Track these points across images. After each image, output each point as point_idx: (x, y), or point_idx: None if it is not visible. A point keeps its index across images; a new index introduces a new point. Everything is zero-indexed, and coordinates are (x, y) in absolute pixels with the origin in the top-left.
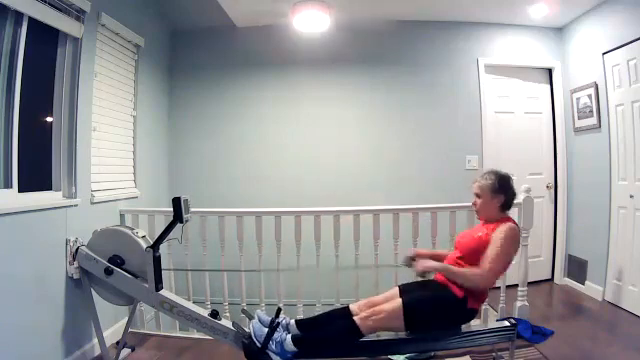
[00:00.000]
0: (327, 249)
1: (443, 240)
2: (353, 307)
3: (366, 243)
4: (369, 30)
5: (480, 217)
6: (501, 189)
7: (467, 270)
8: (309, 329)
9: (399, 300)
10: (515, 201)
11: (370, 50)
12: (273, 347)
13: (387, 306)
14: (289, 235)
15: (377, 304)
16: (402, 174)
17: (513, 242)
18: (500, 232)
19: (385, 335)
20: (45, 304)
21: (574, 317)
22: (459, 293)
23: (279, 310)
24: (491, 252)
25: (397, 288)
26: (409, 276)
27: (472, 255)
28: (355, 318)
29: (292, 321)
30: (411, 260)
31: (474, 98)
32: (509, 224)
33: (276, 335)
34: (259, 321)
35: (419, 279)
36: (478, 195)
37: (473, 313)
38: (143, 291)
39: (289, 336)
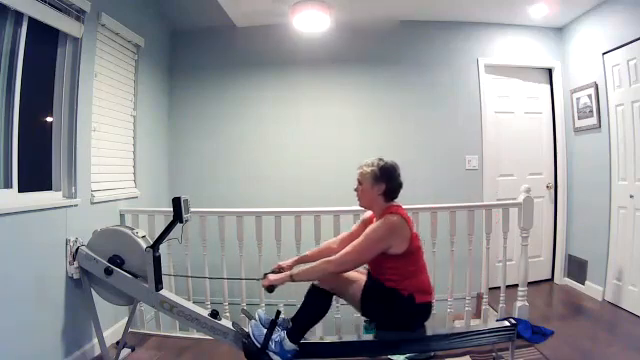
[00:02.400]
0: None
1: (443, 240)
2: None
3: None
4: (369, 30)
5: (361, 204)
6: (382, 177)
7: (317, 262)
8: None
9: (364, 279)
10: (515, 201)
11: (370, 50)
12: (273, 347)
13: (352, 276)
14: (289, 235)
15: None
16: (402, 173)
17: (381, 233)
18: (372, 225)
19: (385, 335)
20: (45, 304)
21: (574, 317)
22: (404, 292)
23: (278, 312)
24: (354, 242)
25: (367, 271)
26: None
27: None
28: (317, 283)
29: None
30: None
31: (474, 98)
32: (386, 216)
33: (275, 335)
34: (259, 321)
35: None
36: (359, 182)
37: (427, 308)
38: (143, 291)
39: (285, 333)
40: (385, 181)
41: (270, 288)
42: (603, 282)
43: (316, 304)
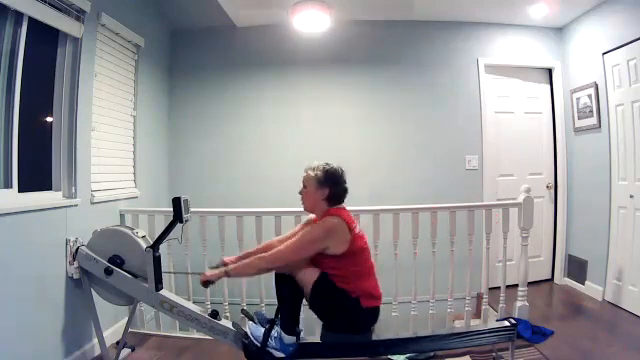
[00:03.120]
0: None
1: (443, 240)
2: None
3: None
4: (369, 30)
5: (305, 207)
6: (326, 182)
7: (250, 259)
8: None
9: (318, 273)
10: (515, 201)
11: (370, 50)
12: (273, 343)
13: (306, 269)
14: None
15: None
16: (402, 174)
17: (317, 234)
18: (310, 226)
19: (385, 335)
20: (45, 304)
21: (574, 317)
22: (351, 294)
23: (278, 310)
24: (289, 240)
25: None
26: (409, 276)
27: None
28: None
29: None
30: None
31: (474, 98)
32: (325, 218)
33: (273, 332)
34: (258, 321)
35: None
36: (304, 185)
37: (372, 312)
38: (143, 291)
39: (279, 328)
40: (329, 186)
41: (205, 284)
42: (603, 282)
43: (287, 288)
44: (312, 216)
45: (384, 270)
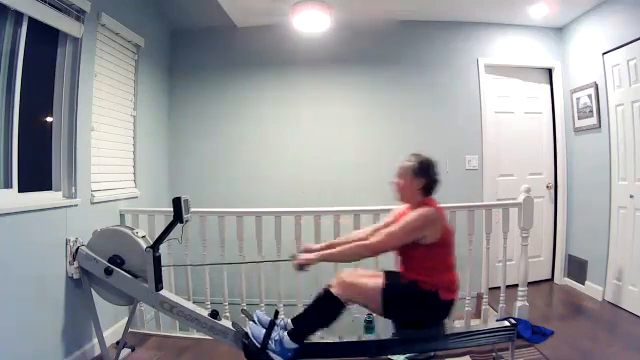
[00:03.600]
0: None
1: None
2: (332, 283)
3: None
4: (369, 30)
5: (399, 198)
6: (422, 172)
7: (351, 245)
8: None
9: (380, 281)
10: (515, 201)
11: (370, 50)
12: (273, 346)
13: (369, 282)
14: (289, 235)
15: (357, 276)
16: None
17: (416, 222)
18: (408, 214)
19: (385, 335)
20: (45, 304)
21: (574, 317)
22: (426, 287)
23: (277, 313)
24: (389, 228)
25: (383, 272)
26: None
27: None
28: (332, 290)
29: (289, 320)
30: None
31: (474, 98)
32: (425, 207)
33: (274, 334)
34: (258, 322)
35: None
36: (399, 176)
37: (449, 305)
38: (143, 291)
39: (286, 332)
40: (424, 176)
41: (301, 267)
42: (603, 282)
43: (326, 310)
44: (400, 208)
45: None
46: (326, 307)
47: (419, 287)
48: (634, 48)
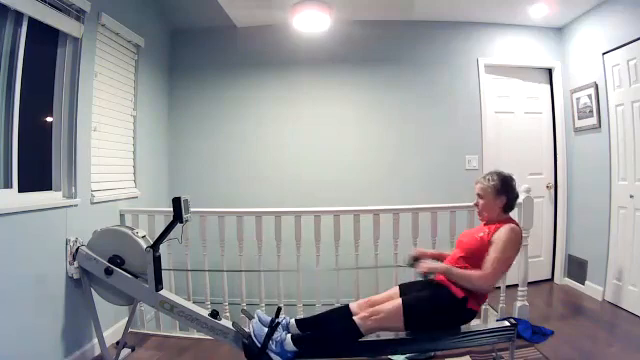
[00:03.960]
0: (327, 249)
1: (443, 240)
2: (353, 306)
3: (366, 243)
4: (369, 30)
5: (482, 218)
6: (503, 190)
7: (469, 272)
8: (309, 329)
9: (399, 300)
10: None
11: (370, 50)
12: (273, 347)
13: (387, 306)
14: (289, 235)
15: (377, 303)
16: (402, 174)
17: (515, 244)
18: (502, 234)
19: (385, 335)
20: (45, 304)
21: (574, 317)
22: (459, 293)
23: (279, 310)
24: (493, 254)
25: (397, 288)
26: (408, 276)
27: (473, 255)
28: (355, 318)
29: (292, 321)
30: (414, 260)
31: (474, 98)
32: (511, 225)
33: (276, 335)
34: (259, 321)
35: (419, 279)
36: (480, 196)
37: (473, 313)
38: (143, 291)
39: (289, 336)
40: (506, 194)
41: (427, 273)
42: (603, 282)
43: (343, 333)
44: (468, 231)
45: (384, 270)
46: (343, 331)
47: (451, 293)
48: (634, 48)
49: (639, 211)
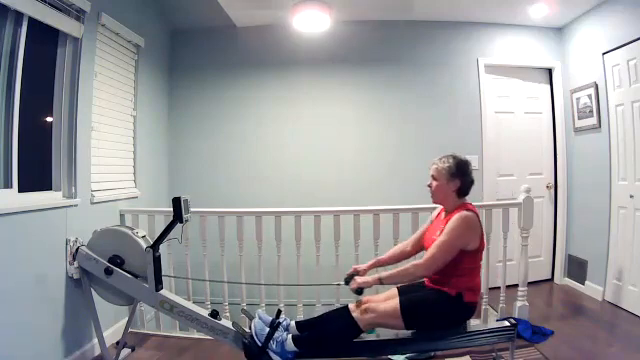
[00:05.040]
0: (327, 249)
1: None
2: (352, 306)
3: (366, 243)
4: (369, 30)
5: (435, 200)
6: (458, 174)
7: (405, 267)
8: (309, 329)
9: (397, 300)
10: (515, 201)
11: (370, 50)
12: (274, 347)
13: (385, 305)
14: (289, 235)
15: (376, 302)
16: (402, 174)
17: (461, 230)
18: (451, 222)
19: (385, 335)
20: (45, 304)
21: (574, 317)
22: (451, 291)
23: (279, 312)
24: (437, 241)
25: (396, 289)
26: None
27: None
28: (354, 314)
29: (292, 322)
30: (350, 277)
31: (474, 98)
32: (462, 213)
33: (276, 335)
34: (260, 320)
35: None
36: (434, 177)
37: (472, 307)
38: (143, 291)
39: (290, 336)
40: (460, 177)
41: (359, 290)
42: (603, 282)
43: (342, 331)
44: (435, 213)
45: (384, 270)
46: (343, 328)
47: (445, 293)
48: (634, 48)
49: (639, 211)
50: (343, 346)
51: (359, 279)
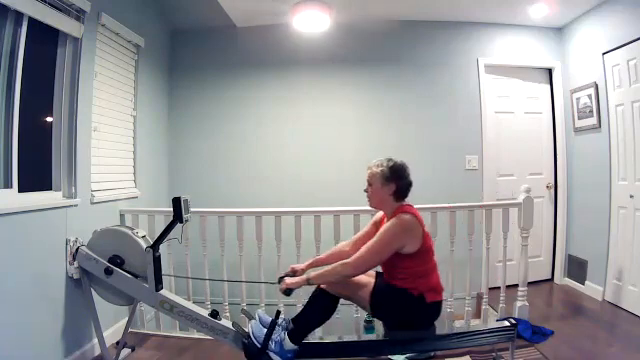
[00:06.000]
0: (327, 249)
1: (443, 240)
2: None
3: None
4: (369, 30)
5: (371, 205)
6: (392, 178)
7: (332, 266)
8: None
9: (372, 282)
10: (515, 201)
11: (370, 50)
12: (273, 347)
13: (360, 280)
14: (289, 235)
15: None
16: None
17: (395, 232)
18: (385, 225)
19: (385, 335)
20: (45, 304)
21: (574, 317)
22: (414, 292)
23: (278, 312)
24: (368, 242)
25: (374, 272)
26: None
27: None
28: (323, 285)
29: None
30: (282, 278)
31: (474, 98)
32: (399, 216)
33: (275, 335)
34: (259, 321)
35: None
36: (369, 183)
37: (437, 307)
38: (143, 291)
39: (285, 333)
40: (395, 181)
41: (287, 291)
42: (603, 282)
43: (321, 307)
44: (379, 215)
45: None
46: (320, 304)
47: (407, 293)
48: (634, 48)
49: (639, 211)
50: (325, 319)
51: (288, 280)
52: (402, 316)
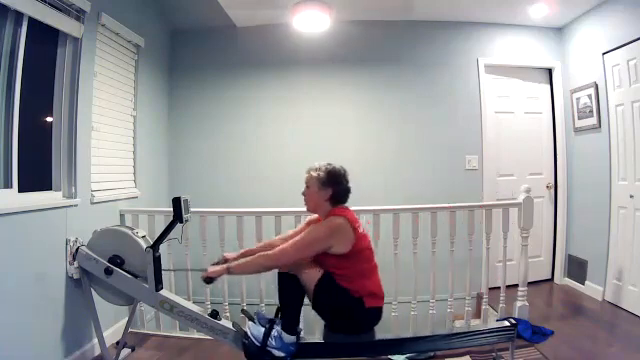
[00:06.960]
0: None
1: (443, 240)
2: None
3: None
4: (369, 30)
5: (307, 208)
6: (329, 183)
7: (252, 257)
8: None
9: (318, 276)
10: (515, 201)
11: (370, 50)
12: (273, 343)
13: (310, 270)
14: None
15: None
16: (402, 174)
17: (322, 233)
18: (316, 225)
19: (385, 335)
20: (45, 304)
21: (574, 317)
22: (354, 294)
23: (278, 310)
24: (294, 238)
25: (323, 271)
26: (409, 276)
27: (317, 257)
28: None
29: None
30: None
31: (474, 98)
32: (330, 218)
33: (273, 331)
34: (259, 321)
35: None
36: (307, 186)
37: (376, 312)
38: (143, 291)
39: (279, 327)
40: (332, 186)
41: (208, 280)
42: (603, 282)
43: (291, 288)
44: (315, 215)
45: (384, 270)
46: (286, 285)
47: (348, 294)
48: (634, 48)
49: (639, 211)
50: (301, 297)
51: (210, 269)
52: (340, 315)
